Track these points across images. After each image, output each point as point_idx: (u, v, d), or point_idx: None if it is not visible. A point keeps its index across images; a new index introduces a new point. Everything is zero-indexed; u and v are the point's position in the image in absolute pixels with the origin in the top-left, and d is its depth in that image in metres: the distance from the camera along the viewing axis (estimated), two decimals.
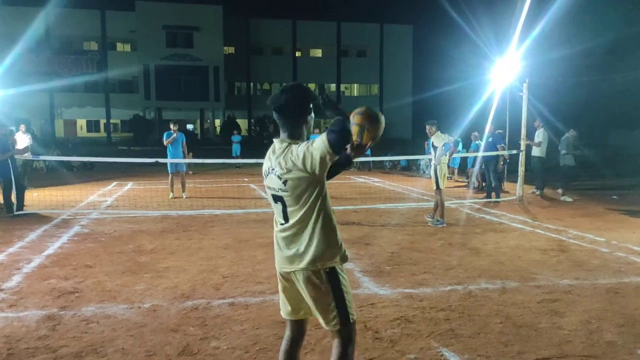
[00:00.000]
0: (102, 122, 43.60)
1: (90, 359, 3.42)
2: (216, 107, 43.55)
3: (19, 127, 12.61)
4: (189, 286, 4.95)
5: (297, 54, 46.56)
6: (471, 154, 13.58)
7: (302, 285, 2.41)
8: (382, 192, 12.97)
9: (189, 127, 43.31)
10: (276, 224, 2.50)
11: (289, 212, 2.40)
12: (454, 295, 4.66)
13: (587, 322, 4.00)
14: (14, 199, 9.16)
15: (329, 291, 2.38)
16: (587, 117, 19.69)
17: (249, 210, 9.73)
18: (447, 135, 8.29)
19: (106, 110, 42.34)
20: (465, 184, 14.33)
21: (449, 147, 8.11)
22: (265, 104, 2.53)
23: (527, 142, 11.30)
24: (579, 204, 10.44)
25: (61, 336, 3.76)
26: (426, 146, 16.32)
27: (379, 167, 20.43)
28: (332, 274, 2.39)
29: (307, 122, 2.45)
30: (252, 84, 46.71)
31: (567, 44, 22.11)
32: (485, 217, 9.02)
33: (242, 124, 42.42)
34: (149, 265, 5.75)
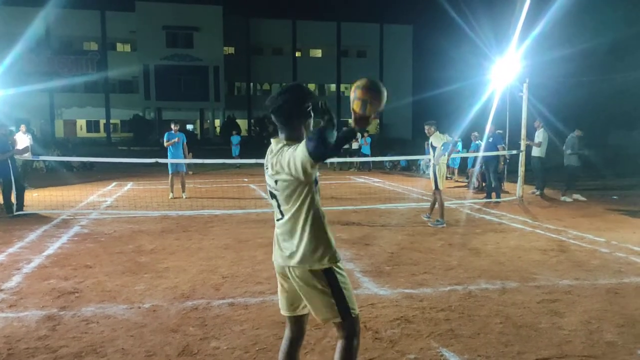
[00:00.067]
0: (102, 122, 43.60)
1: (90, 359, 3.42)
2: (216, 107, 43.56)
3: (20, 127, 12.61)
4: (188, 286, 4.95)
5: (297, 54, 46.56)
6: (471, 154, 13.58)
7: (297, 281, 2.44)
8: (382, 192, 12.96)
9: (189, 127, 43.32)
10: (275, 218, 2.56)
11: (283, 210, 2.46)
12: (454, 295, 4.66)
13: (587, 323, 4.00)
14: (13, 200, 9.17)
15: (327, 289, 2.40)
16: (587, 117, 19.65)
17: (248, 210, 9.73)
18: (446, 135, 8.30)
19: (106, 110, 42.35)
20: (465, 184, 14.33)
21: (448, 147, 8.12)
22: (265, 104, 2.51)
23: (527, 142, 11.31)
24: (579, 204, 10.44)
25: (61, 336, 3.76)
26: (426, 146, 16.32)
27: (379, 167, 20.45)
28: (328, 272, 2.41)
29: (306, 123, 2.44)
30: (252, 84, 46.71)
31: (567, 44, 22.10)
32: (485, 217, 9.02)
33: (242, 124, 42.42)
34: (148, 265, 5.75)
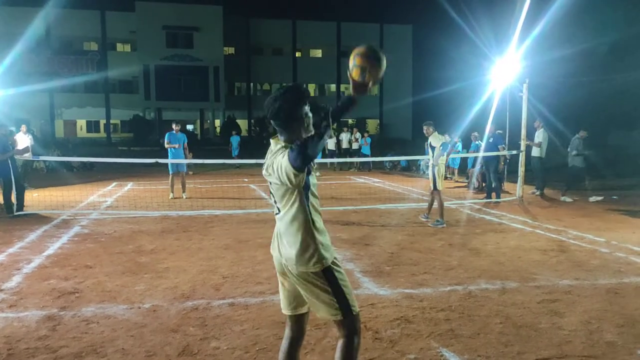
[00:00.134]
0: (102, 122, 43.57)
1: (90, 359, 3.42)
2: (216, 108, 43.55)
3: (20, 127, 12.61)
4: (189, 286, 4.95)
5: (297, 54, 46.54)
6: (471, 154, 13.58)
7: (296, 280, 2.44)
8: (382, 192, 12.96)
9: (189, 127, 43.31)
10: (274, 212, 2.57)
11: (279, 206, 2.48)
12: (454, 295, 4.66)
13: (587, 323, 4.00)
14: (14, 200, 9.17)
15: (327, 287, 2.41)
16: (587, 117, 19.65)
17: (249, 210, 9.74)
18: (446, 135, 8.32)
19: (106, 110, 42.33)
20: (465, 184, 14.33)
21: (447, 148, 8.13)
22: (263, 107, 2.51)
23: (527, 142, 11.31)
24: (579, 204, 10.45)
25: (61, 336, 3.77)
26: (426, 147, 16.32)
27: (379, 167, 20.45)
28: (327, 270, 2.42)
29: (305, 125, 2.43)
30: (252, 84, 46.69)
31: (567, 44, 22.09)
32: (485, 217, 9.02)
33: (242, 124, 42.41)
34: (149, 265, 5.76)
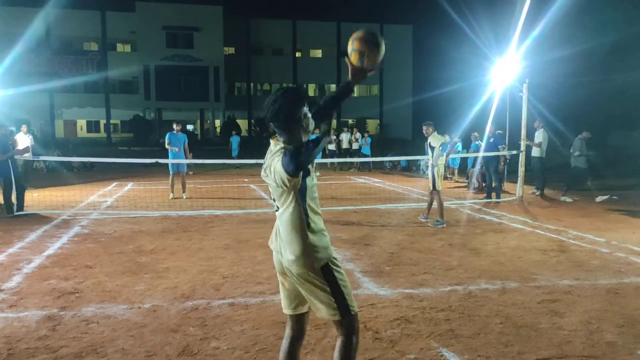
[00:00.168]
0: (102, 122, 43.59)
1: (90, 359, 3.42)
2: (216, 108, 43.56)
3: (21, 127, 12.61)
4: (189, 286, 4.95)
5: (297, 54, 46.55)
6: (471, 155, 13.57)
7: (295, 279, 2.44)
8: (382, 192, 12.96)
9: (189, 127, 43.31)
10: (274, 208, 2.57)
11: (277, 204, 2.48)
12: (454, 295, 4.66)
13: (587, 323, 4.00)
14: (14, 200, 9.17)
15: (326, 286, 2.41)
16: (587, 118, 19.67)
17: (249, 210, 9.74)
18: (446, 135, 8.32)
19: (106, 110, 42.34)
20: (465, 184, 14.33)
21: (447, 148, 8.13)
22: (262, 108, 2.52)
23: (527, 142, 11.31)
24: (579, 205, 10.45)
25: (61, 336, 3.77)
26: (426, 147, 16.32)
27: (379, 167, 20.45)
28: (326, 270, 2.41)
29: (304, 126, 2.42)
30: (252, 84, 46.70)
31: (567, 45, 22.10)
32: (485, 217, 9.02)
33: (243, 124, 42.42)
34: (149, 265, 5.76)
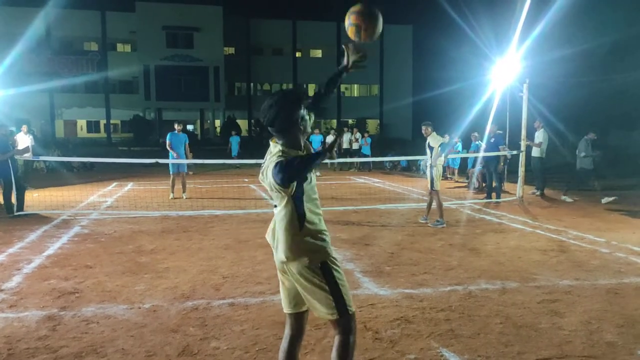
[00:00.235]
0: (102, 122, 43.61)
1: (90, 359, 3.42)
2: (216, 108, 43.56)
3: (21, 127, 12.61)
4: (189, 286, 4.95)
5: (297, 54, 46.54)
6: (471, 155, 13.57)
7: (294, 277, 2.45)
8: (382, 192, 12.96)
9: (190, 127, 43.32)
10: (273, 205, 2.59)
11: (275, 202, 2.50)
12: (454, 295, 4.66)
13: (587, 323, 4.00)
14: (14, 200, 9.17)
15: (323, 285, 2.41)
16: (587, 118, 19.70)
17: (249, 210, 9.74)
18: (446, 135, 8.32)
19: (106, 110, 42.35)
20: (465, 184, 14.33)
21: (446, 148, 8.13)
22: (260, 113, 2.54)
23: (527, 142, 11.31)
24: (579, 205, 10.44)
25: (61, 336, 3.77)
26: (426, 147, 16.33)
27: (379, 167, 20.44)
28: (324, 267, 2.42)
29: (301, 128, 2.43)
30: (252, 84, 46.70)
31: (568, 45, 22.11)
32: (485, 217, 9.02)
33: (243, 124, 42.43)
34: (149, 265, 5.76)
